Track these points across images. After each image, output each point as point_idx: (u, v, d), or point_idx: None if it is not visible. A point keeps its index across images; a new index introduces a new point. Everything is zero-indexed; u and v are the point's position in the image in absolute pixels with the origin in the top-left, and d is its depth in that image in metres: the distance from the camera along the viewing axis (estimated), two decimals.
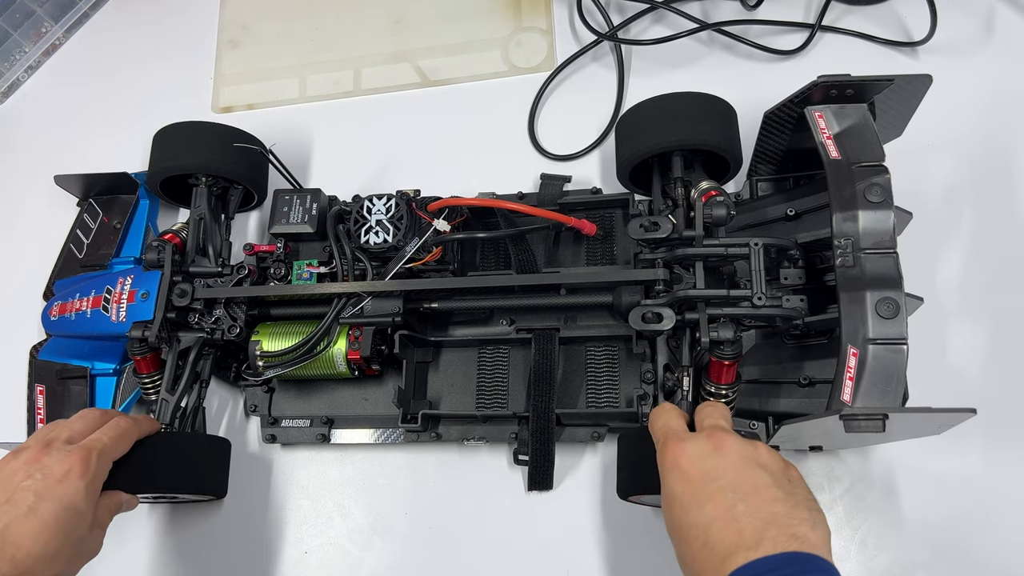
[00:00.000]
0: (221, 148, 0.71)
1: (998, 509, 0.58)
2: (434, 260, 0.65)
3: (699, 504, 0.45)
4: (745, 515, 0.43)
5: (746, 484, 0.44)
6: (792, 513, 0.43)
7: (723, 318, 0.56)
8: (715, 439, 0.47)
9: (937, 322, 0.62)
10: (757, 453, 0.46)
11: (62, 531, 0.50)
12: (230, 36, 0.91)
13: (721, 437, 0.47)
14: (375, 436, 0.68)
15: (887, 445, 0.61)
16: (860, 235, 0.51)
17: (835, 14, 0.76)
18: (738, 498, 0.44)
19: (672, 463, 0.47)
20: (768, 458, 0.46)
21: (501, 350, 0.68)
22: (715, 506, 0.44)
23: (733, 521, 0.43)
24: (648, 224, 0.59)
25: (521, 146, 0.78)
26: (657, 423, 0.52)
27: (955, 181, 0.68)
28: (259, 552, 0.68)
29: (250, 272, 0.69)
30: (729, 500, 0.44)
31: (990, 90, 0.70)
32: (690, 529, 0.45)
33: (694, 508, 0.45)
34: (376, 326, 0.65)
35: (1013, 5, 0.74)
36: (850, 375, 0.48)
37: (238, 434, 0.70)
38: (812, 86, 0.55)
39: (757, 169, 0.65)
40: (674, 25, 0.77)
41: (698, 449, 0.47)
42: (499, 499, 0.65)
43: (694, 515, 0.45)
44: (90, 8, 0.94)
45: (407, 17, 0.87)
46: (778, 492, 0.44)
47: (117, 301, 0.68)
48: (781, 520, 0.43)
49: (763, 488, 0.44)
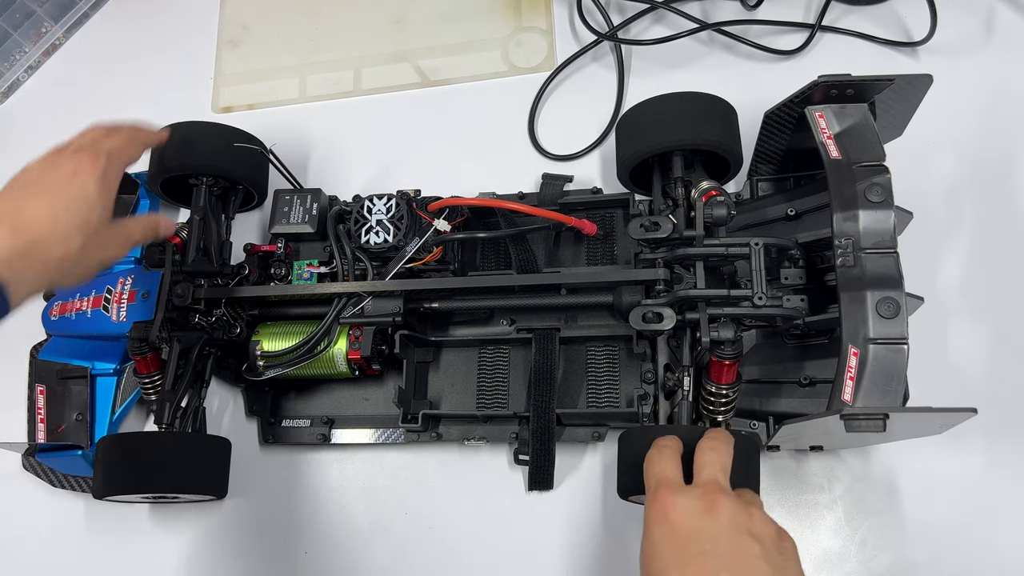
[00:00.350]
0: (221, 148, 0.70)
1: (998, 509, 0.58)
2: (434, 260, 0.65)
3: (680, 565, 0.43)
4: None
5: (733, 553, 0.43)
6: None
7: (724, 318, 0.56)
8: (709, 500, 0.45)
9: (938, 322, 0.62)
10: (751, 521, 0.44)
11: (74, 214, 0.53)
12: (230, 36, 0.91)
13: (715, 499, 0.45)
14: (375, 436, 0.68)
15: (887, 445, 0.61)
16: (861, 235, 0.51)
17: (835, 14, 0.76)
18: (722, 566, 0.42)
19: (660, 514, 0.46)
20: (761, 527, 0.45)
21: (501, 350, 0.68)
22: (697, 570, 0.42)
23: None
24: (648, 224, 0.59)
25: (521, 146, 0.78)
26: (652, 468, 0.49)
27: (956, 181, 0.68)
28: (259, 552, 0.68)
29: (250, 272, 0.69)
30: (712, 566, 0.42)
31: (990, 90, 0.70)
32: None
33: (675, 568, 0.43)
34: (376, 326, 0.65)
35: (1013, 5, 0.74)
36: (851, 375, 0.48)
37: (238, 434, 0.70)
38: (812, 86, 0.55)
39: (757, 169, 0.65)
40: (674, 25, 0.77)
41: (690, 506, 0.45)
42: (499, 499, 0.65)
43: (674, 574, 0.43)
44: (90, 8, 0.94)
45: (407, 17, 0.87)
46: (765, 567, 0.42)
47: (117, 301, 0.68)
48: None
49: (750, 559, 0.43)
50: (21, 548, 0.72)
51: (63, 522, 0.71)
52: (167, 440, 0.63)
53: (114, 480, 0.61)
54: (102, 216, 0.55)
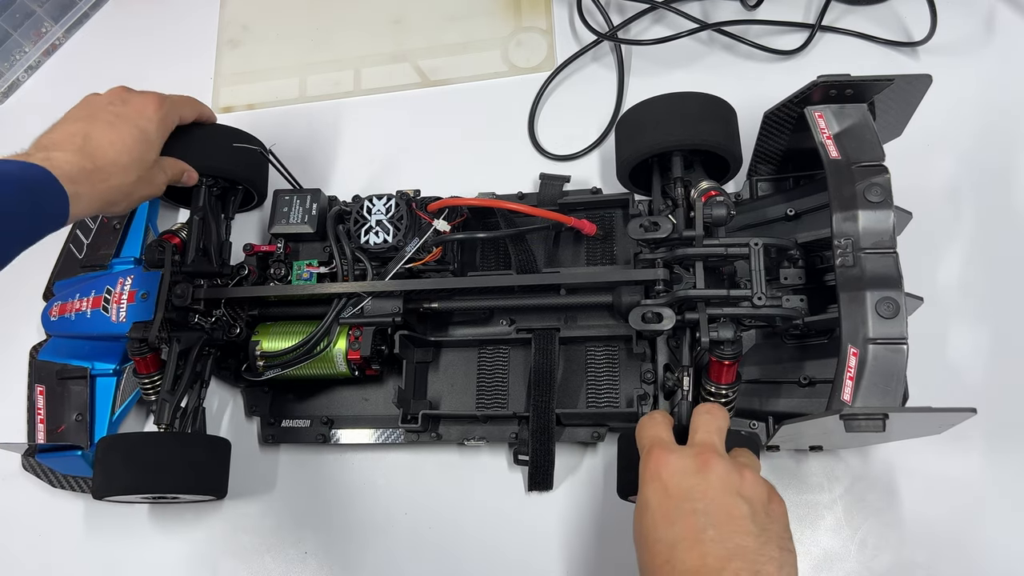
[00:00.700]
0: (221, 148, 0.71)
1: (998, 509, 0.58)
2: (434, 260, 0.65)
3: (670, 521, 0.44)
4: (713, 541, 0.42)
5: (721, 511, 0.44)
6: (760, 550, 0.42)
7: (723, 318, 0.56)
8: (702, 459, 0.46)
9: (937, 322, 0.62)
10: (742, 482, 0.45)
11: (135, 149, 0.59)
12: (230, 36, 0.91)
13: (708, 459, 0.46)
14: (375, 436, 0.68)
15: (887, 445, 0.61)
16: (860, 235, 0.51)
17: (835, 14, 0.76)
18: (710, 523, 0.43)
19: (653, 473, 0.47)
20: (752, 489, 0.45)
21: (501, 350, 0.68)
22: (685, 526, 0.43)
23: (699, 544, 0.42)
24: (648, 224, 0.59)
25: (521, 146, 0.78)
26: (646, 432, 0.51)
27: (955, 181, 0.68)
28: (259, 552, 0.68)
29: (250, 272, 0.69)
30: (701, 523, 0.43)
31: (990, 90, 0.70)
32: (656, 543, 0.44)
33: (664, 523, 0.44)
34: (376, 326, 0.65)
35: (1013, 5, 0.74)
36: (850, 375, 0.48)
37: (238, 434, 0.70)
38: (812, 86, 0.55)
39: (757, 169, 0.65)
40: (674, 25, 0.77)
41: (682, 465, 0.46)
42: (499, 499, 0.65)
43: (663, 530, 0.44)
44: (90, 8, 0.94)
45: (407, 17, 0.87)
46: (751, 526, 0.43)
47: (117, 301, 0.68)
48: (748, 554, 0.42)
49: (738, 519, 0.43)
50: (21, 548, 0.72)
51: (63, 522, 0.71)
52: (167, 440, 0.63)
53: (114, 480, 0.61)
54: (155, 157, 0.61)
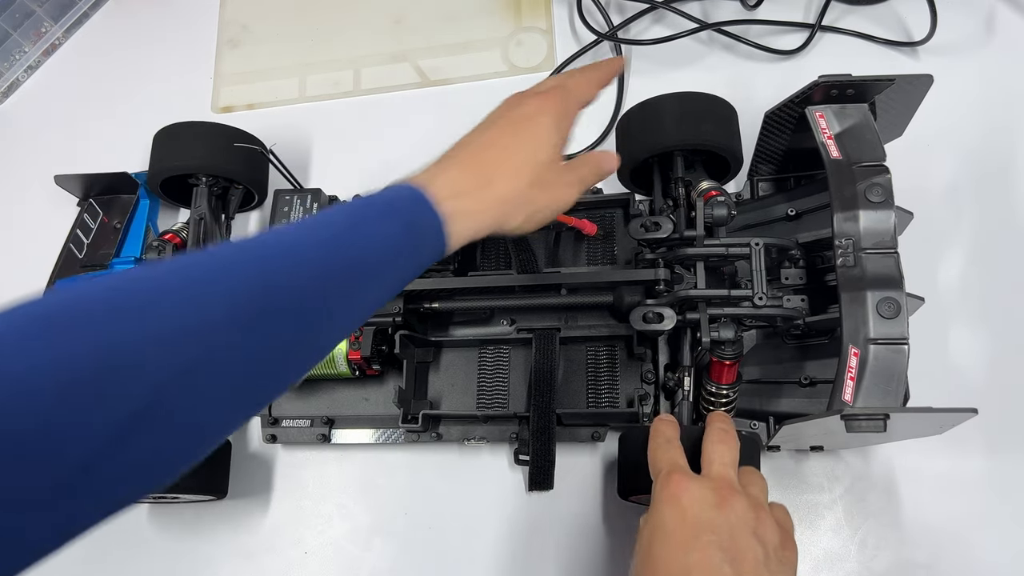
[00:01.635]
0: (221, 148, 0.70)
1: (998, 509, 0.58)
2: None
3: (686, 548, 0.44)
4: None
5: (737, 551, 0.44)
6: None
7: (724, 318, 0.56)
8: (722, 495, 0.46)
9: (938, 322, 0.62)
10: (759, 524, 0.45)
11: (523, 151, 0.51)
12: (230, 36, 0.91)
13: (728, 495, 0.46)
14: (375, 436, 0.68)
15: (887, 445, 0.61)
16: (861, 235, 0.51)
17: (835, 14, 0.76)
18: (726, 560, 0.43)
19: (672, 496, 0.46)
20: (768, 532, 0.46)
21: (502, 350, 0.68)
22: (701, 557, 0.43)
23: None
24: (649, 224, 0.59)
25: None
26: (662, 455, 0.50)
27: (956, 181, 0.68)
28: (259, 552, 0.68)
29: None
30: (716, 559, 0.43)
31: (990, 90, 0.70)
32: (668, 565, 0.44)
33: (679, 549, 0.44)
34: (376, 326, 0.65)
35: (1013, 5, 0.74)
36: (851, 375, 0.48)
37: (238, 434, 0.70)
38: (813, 86, 0.55)
39: (758, 169, 0.65)
40: (674, 25, 0.77)
41: (702, 495, 0.46)
42: (499, 499, 0.65)
43: (676, 555, 0.44)
44: (90, 8, 0.94)
45: (407, 17, 0.87)
46: (763, 571, 0.44)
47: None
48: None
49: (751, 561, 0.44)
50: None
51: None
52: None
53: None
54: (551, 156, 0.51)
